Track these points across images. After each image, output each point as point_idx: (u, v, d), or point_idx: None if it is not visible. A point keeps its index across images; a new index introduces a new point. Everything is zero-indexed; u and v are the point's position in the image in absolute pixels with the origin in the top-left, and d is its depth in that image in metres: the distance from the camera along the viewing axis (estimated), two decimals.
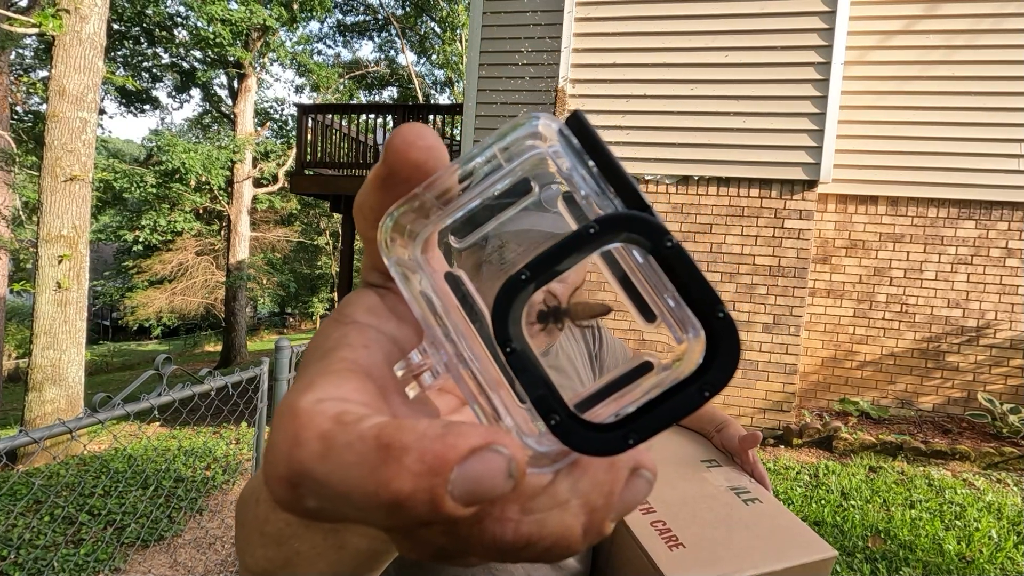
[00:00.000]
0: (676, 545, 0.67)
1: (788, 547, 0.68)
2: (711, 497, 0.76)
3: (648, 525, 0.70)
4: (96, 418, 1.30)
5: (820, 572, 0.67)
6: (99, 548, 2.95)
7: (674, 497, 0.76)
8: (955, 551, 2.61)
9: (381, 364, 0.19)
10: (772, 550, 0.67)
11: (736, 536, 0.70)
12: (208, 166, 13.01)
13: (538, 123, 0.22)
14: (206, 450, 4.53)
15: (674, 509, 0.73)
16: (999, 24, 4.17)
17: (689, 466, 0.83)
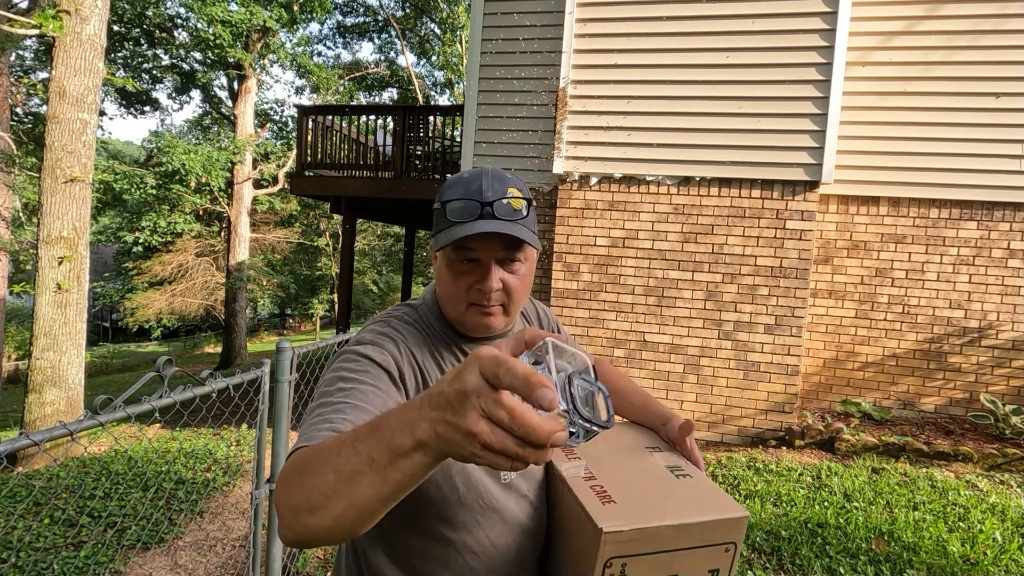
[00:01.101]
0: (608, 501, 0.80)
1: (703, 507, 0.80)
2: (648, 472, 0.89)
3: (588, 488, 0.84)
4: (97, 420, 1.29)
5: (731, 530, 0.79)
6: (99, 550, 2.94)
7: (616, 471, 0.89)
8: (959, 553, 2.60)
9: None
10: (689, 509, 0.80)
11: (662, 499, 0.82)
12: (208, 167, 13.00)
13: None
14: (207, 452, 4.52)
15: (614, 478, 0.86)
16: (1001, 25, 4.17)
17: (635, 450, 0.97)
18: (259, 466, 2.02)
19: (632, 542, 0.75)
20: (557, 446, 0.45)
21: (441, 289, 0.90)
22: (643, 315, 4.38)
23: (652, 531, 0.76)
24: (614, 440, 1.00)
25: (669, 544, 0.77)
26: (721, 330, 4.26)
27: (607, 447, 0.97)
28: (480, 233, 0.80)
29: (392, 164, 6.83)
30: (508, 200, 0.82)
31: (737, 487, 3.37)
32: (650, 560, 0.77)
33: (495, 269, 0.84)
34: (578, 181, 4.49)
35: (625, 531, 0.75)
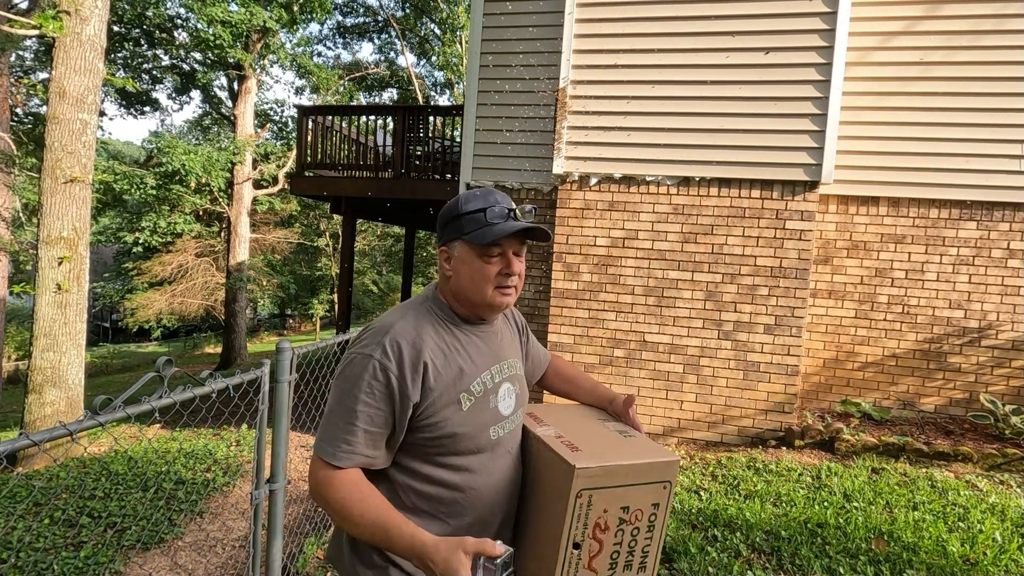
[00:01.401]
0: (575, 449, 1.06)
1: (646, 453, 1.09)
2: (602, 433, 1.18)
3: (560, 442, 1.10)
4: (96, 420, 1.29)
5: (667, 471, 1.06)
6: (99, 551, 2.94)
7: (578, 433, 1.16)
8: (959, 553, 2.60)
9: None
10: (636, 454, 1.08)
11: (615, 448, 1.11)
12: (208, 168, 13.00)
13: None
14: (206, 452, 4.52)
15: (577, 435, 1.13)
16: (1000, 25, 4.17)
17: (590, 420, 1.26)
18: (259, 466, 2.02)
19: (596, 477, 0.99)
20: None
21: (467, 280, 1.09)
22: (643, 315, 4.38)
23: (612, 468, 1.01)
24: (574, 414, 1.29)
25: (623, 480, 1.02)
26: (721, 330, 4.26)
27: (569, 419, 1.25)
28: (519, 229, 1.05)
29: (392, 164, 6.83)
30: (517, 208, 1.10)
31: (737, 487, 3.37)
32: (610, 493, 1.01)
33: (515, 259, 1.09)
34: (578, 181, 4.49)
35: (592, 467, 0.99)
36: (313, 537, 2.99)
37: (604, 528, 1.02)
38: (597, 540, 1.03)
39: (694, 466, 3.75)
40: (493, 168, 5.03)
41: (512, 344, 1.26)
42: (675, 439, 4.34)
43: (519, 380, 1.22)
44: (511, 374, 1.19)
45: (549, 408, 1.32)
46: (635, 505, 1.04)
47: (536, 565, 1.10)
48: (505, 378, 1.16)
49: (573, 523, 0.99)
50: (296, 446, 4.75)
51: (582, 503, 0.99)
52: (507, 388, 1.16)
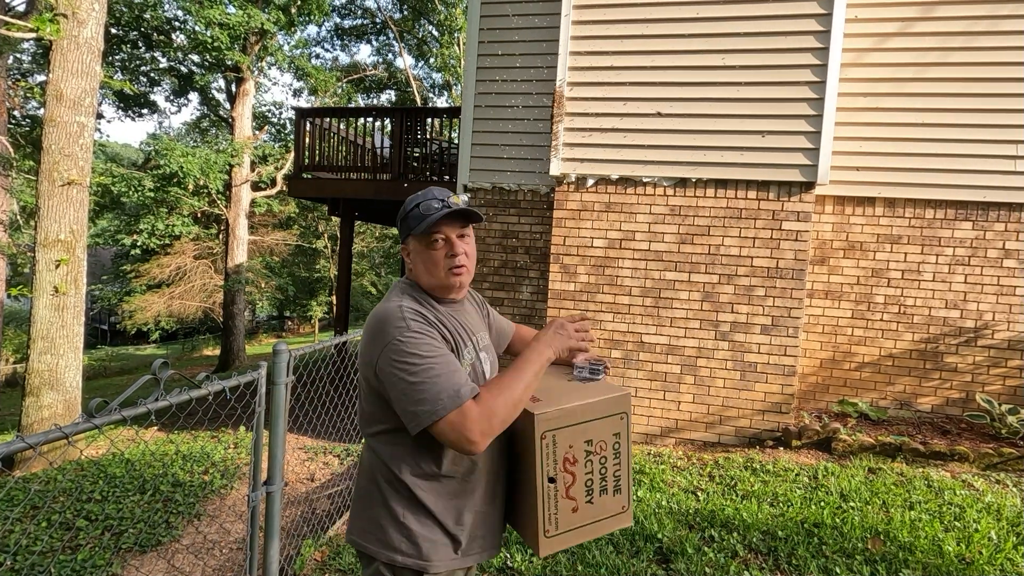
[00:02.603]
0: (536, 400, 1.21)
1: (598, 392, 1.25)
2: (561, 384, 1.32)
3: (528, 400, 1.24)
4: (93, 423, 1.29)
5: (619, 403, 1.24)
6: (96, 553, 2.94)
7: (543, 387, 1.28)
8: (955, 552, 2.61)
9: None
10: (589, 394, 1.24)
11: (570, 393, 1.25)
12: (206, 170, 13.00)
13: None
14: (204, 455, 4.51)
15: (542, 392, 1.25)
16: (995, 26, 4.18)
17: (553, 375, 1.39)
18: (256, 469, 2.02)
19: (555, 419, 1.16)
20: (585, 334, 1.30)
21: (422, 268, 1.26)
22: (640, 316, 4.39)
23: (567, 409, 1.18)
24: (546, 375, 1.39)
25: (580, 417, 1.20)
26: (718, 331, 4.27)
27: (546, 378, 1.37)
28: (448, 214, 1.21)
29: (390, 166, 6.84)
30: (453, 198, 1.25)
31: (734, 487, 3.38)
32: (571, 430, 1.19)
33: (457, 241, 1.24)
34: (575, 183, 4.50)
35: (549, 411, 1.16)
36: (311, 539, 2.99)
37: (573, 461, 1.19)
38: (569, 472, 1.19)
39: (691, 467, 3.76)
40: (490, 170, 5.04)
41: (479, 319, 1.43)
42: (672, 439, 4.35)
43: (491, 349, 1.42)
44: (484, 344, 1.37)
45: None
46: (598, 437, 1.22)
47: (524, 506, 1.25)
48: (481, 348, 1.34)
49: (543, 460, 1.16)
50: (293, 448, 4.74)
51: (547, 443, 1.16)
52: (484, 356, 1.34)
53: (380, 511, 1.22)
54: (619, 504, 1.28)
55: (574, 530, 1.23)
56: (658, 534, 2.80)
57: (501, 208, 5.06)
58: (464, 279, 1.26)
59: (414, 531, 1.18)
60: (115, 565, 2.89)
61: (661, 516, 2.99)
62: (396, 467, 1.20)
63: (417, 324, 1.14)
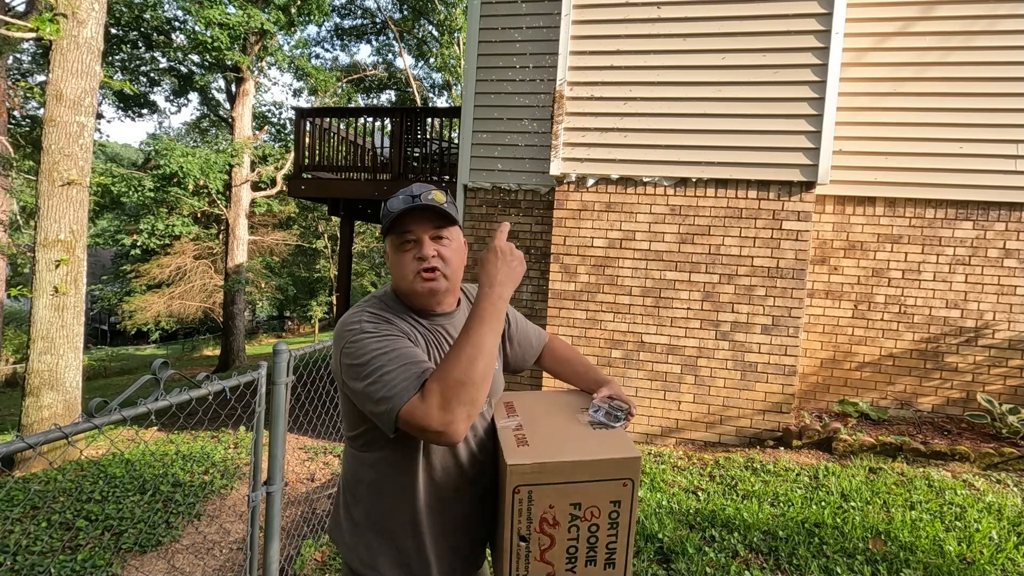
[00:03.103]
0: (524, 444, 1.04)
1: (601, 449, 1.02)
2: (569, 426, 1.13)
3: (512, 436, 1.09)
4: (93, 423, 1.29)
5: (625, 468, 1.00)
6: (96, 554, 2.94)
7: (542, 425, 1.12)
8: (956, 552, 2.61)
9: None
10: (588, 450, 1.02)
11: (569, 443, 1.05)
12: (206, 170, 13.00)
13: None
14: (204, 455, 4.51)
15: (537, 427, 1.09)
16: (993, 25, 4.18)
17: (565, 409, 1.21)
18: (256, 469, 2.02)
19: (534, 473, 0.97)
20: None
21: (394, 272, 1.13)
22: (640, 316, 4.39)
23: (551, 465, 0.98)
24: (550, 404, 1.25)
25: (569, 477, 0.98)
26: (718, 331, 4.27)
27: (541, 410, 1.21)
28: (410, 209, 1.07)
29: (390, 166, 6.84)
30: (432, 195, 1.10)
31: (735, 487, 3.37)
32: (553, 488, 0.98)
33: (428, 242, 1.10)
34: (575, 182, 4.49)
35: (526, 464, 0.97)
36: (311, 539, 2.99)
37: (553, 523, 1.02)
38: (547, 535, 1.02)
39: (692, 466, 3.76)
40: (490, 169, 5.03)
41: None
42: (673, 439, 4.34)
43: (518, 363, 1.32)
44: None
45: (530, 397, 1.32)
46: (589, 502, 1.01)
47: (496, 554, 1.14)
48: None
49: (515, 516, 1.00)
50: (293, 448, 4.74)
51: (521, 498, 0.99)
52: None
53: (343, 513, 1.21)
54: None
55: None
56: (659, 534, 2.80)
57: (501, 208, 5.06)
58: (436, 285, 1.11)
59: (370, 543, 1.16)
60: (115, 565, 2.89)
61: (662, 516, 2.99)
62: (362, 475, 1.16)
63: (370, 324, 1.06)
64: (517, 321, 1.40)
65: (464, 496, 1.17)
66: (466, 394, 0.92)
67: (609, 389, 1.25)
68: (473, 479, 1.17)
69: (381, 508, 1.15)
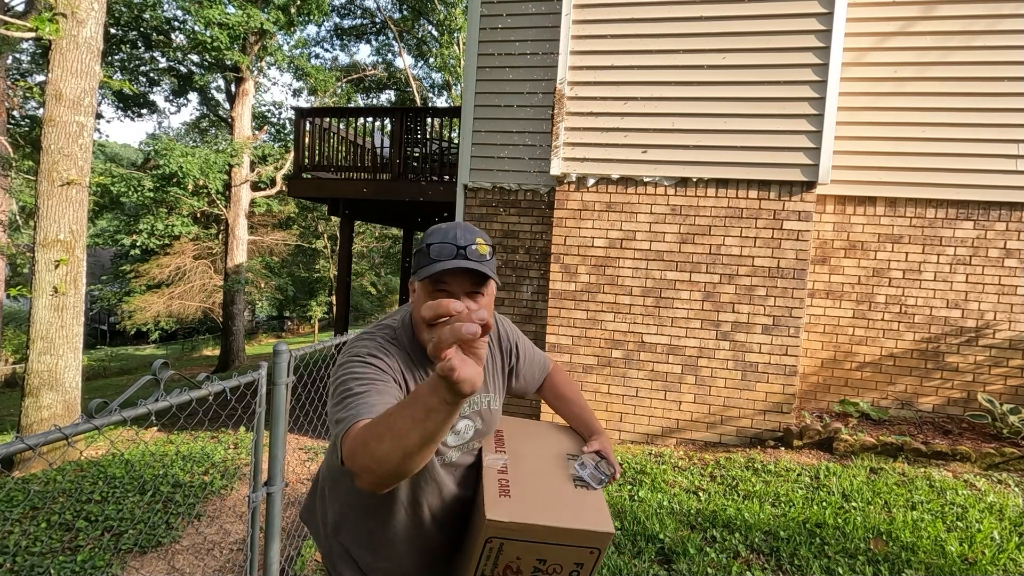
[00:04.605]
0: (505, 494, 1.05)
1: (578, 518, 1.03)
2: (552, 476, 1.13)
3: (496, 480, 1.09)
4: (92, 424, 1.28)
5: (595, 540, 1.01)
6: (96, 554, 2.93)
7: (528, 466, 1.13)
8: (957, 552, 2.60)
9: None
10: (566, 516, 1.03)
11: (549, 502, 1.06)
12: (206, 170, 12.98)
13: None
14: (204, 455, 4.51)
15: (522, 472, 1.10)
16: (994, 25, 4.18)
17: (557, 457, 1.21)
18: (256, 469, 2.01)
19: (509, 531, 0.99)
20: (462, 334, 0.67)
21: (416, 316, 1.09)
22: (641, 316, 4.38)
23: (528, 526, 1.00)
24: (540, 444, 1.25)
25: (540, 538, 1.01)
26: (719, 331, 4.26)
27: (531, 449, 1.22)
28: (455, 268, 1.00)
29: (390, 166, 6.83)
30: (476, 246, 1.03)
31: (735, 488, 3.37)
32: (524, 545, 1.01)
33: (463, 298, 1.02)
34: (575, 182, 4.49)
35: (504, 522, 0.98)
36: (311, 540, 2.98)
37: (516, 571, 1.05)
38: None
39: (693, 467, 3.75)
40: (491, 169, 5.03)
41: (487, 375, 1.22)
42: (673, 439, 4.34)
43: (484, 415, 1.21)
44: (473, 410, 1.18)
45: (521, 429, 1.31)
46: (553, 559, 1.04)
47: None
48: (465, 415, 1.17)
49: (482, 560, 1.03)
50: (294, 448, 4.74)
51: (492, 548, 1.02)
52: (466, 425, 1.17)
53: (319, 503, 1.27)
54: None
55: None
56: (660, 534, 2.79)
57: (501, 208, 5.06)
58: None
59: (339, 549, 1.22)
60: (115, 566, 2.88)
61: (663, 516, 2.99)
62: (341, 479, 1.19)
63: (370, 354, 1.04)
64: (525, 353, 1.36)
65: (443, 526, 1.17)
66: (364, 465, 0.81)
67: (599, 443, 1.24)
68: (451, 510, 1.17)
69: (354, 517, 1.18)
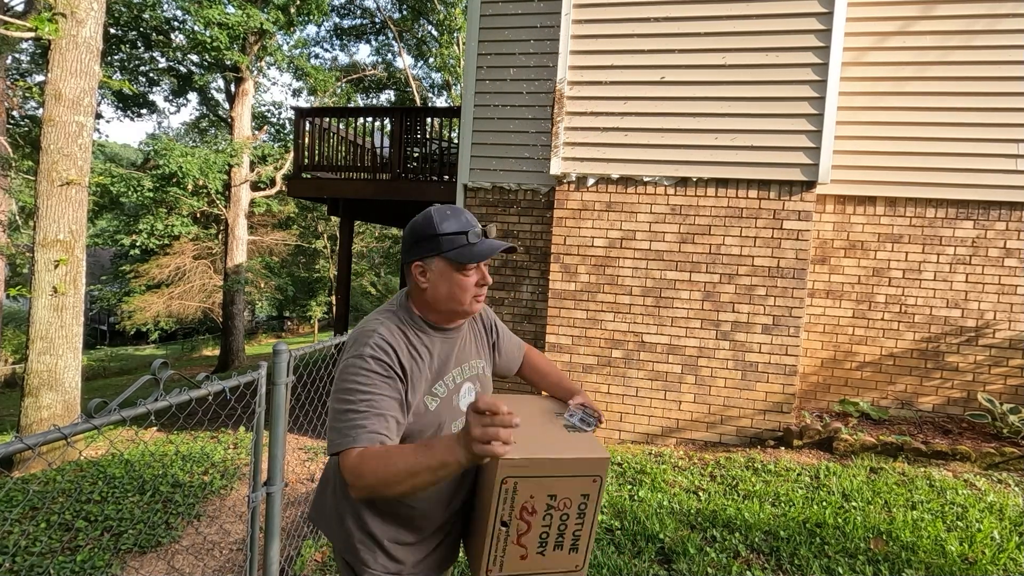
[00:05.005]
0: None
1: (576, 449, 1.19)
2: (545, 427, 1.28)
3: None
4: (92, 424, 1.28)
5: (595, 467, 1.16)
6: (96, 555, 2.93)
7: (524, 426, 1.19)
8: (957, 552, 2.60)
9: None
10: (565, 450, 1.18)
11: (548, 442, 1.21)
12: (205, 170, 12.98)
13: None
14: (204, 455, 4.50)
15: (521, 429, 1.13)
16: (994, 25, 4.18)
17: (543, 413, 1.36)
18: (256, 469, 2.01)
19: (520, 467, 1.10)
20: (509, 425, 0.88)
21: (444, 292, 1.22)
22: (641, 316, 4.38)
23: (536, 461, 1.12)
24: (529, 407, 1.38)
25: (550, 471, 1.13)
26: (719, 330, 4.26)
27: (528, 412, 1.33)
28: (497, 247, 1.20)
29: (389, 166, 6.82)
30: (494, 229, 1.25)
31: (735, 487, 3.37)
32: (535, 481, 1.13)
33: (485, 270, 1.25)
34: (575, 182, 4.49)
35: (515, 459, 1.09)
36: (311, 540, 2.98)
37: (531, 511, 1.16)
38: (525, 521, 1.17)
39: (693, 466, 3.75)
40: (490, 169, 5.03)
41: (478, 345, 1.40)
42: (673, 439, 4.34)
43: (481, 379, 1.37)
44: (473, 374, 1.34)
45: (511, 400, 1.42)
46: (563, 494, 1.17)
47: (475, 538, 1.27)
48: (467, 378, 1.32)
49: (500, 504, 1.14)
50: (294, 448, 4.73)
51: (507, 488, 1.13)
52: (468, 387, 1.32)
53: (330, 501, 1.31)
54: (573, 562, 1.26)
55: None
56: (660, 534, 2.79)
57: (501, 208, 5.06)
58: (482, 306, 1.30)
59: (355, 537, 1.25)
60: (115, 566, 2.88)
61: (663, 516, 2.99)
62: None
63: (374, 358, 1.13)
64: (503, 331, 1.51)
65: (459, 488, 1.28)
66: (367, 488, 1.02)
67: (582, 397, 1.39)
68: (460, 483, 1.28)
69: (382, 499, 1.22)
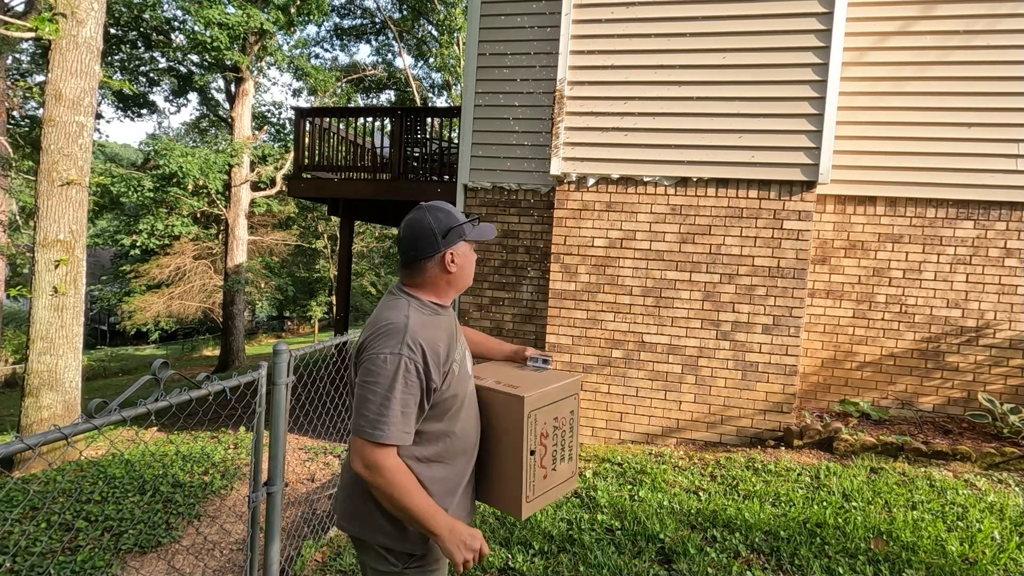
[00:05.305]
0: (514, 387, 1.41)
1: (560, 378, 1.52)
2: (523, 374, 1.56)
3: (500, 385, 1.45)
4: (92, 424, 1.28)
5: (575, 386, 1.54)
6: (96, 555, 2.93)
7: (507, 377, 1.52)
8: (958, 552, 2.60)
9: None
10: (552, 380, 1.50)
11: (538, 381, 1.49)
12: (205, 170, 12.98)
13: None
14: (204, 455, 4.50)
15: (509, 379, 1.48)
16: (994, 25, 4.18)
17: (511, 368, 1.64)
18: (256, 469, 2.01)
19: (537, 400, 1.39)
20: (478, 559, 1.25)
21: (467, 270, 1.42)
22: (641, 316, 4.38)
23: (546, 391, 1.43)
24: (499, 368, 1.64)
25: (552, 398, 1.44)
26: (719, 331, 4.26)
27: (497, 372, 1.58)
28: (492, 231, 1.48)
29: (390, 166, 6.82)
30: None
31: (736, 487, 3.37)
32: (546, 409, 1.43)
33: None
34: (575, 182, 4.49)
35: (533, 394, 1.38)
36: (311, 540, 2.98)
37: (546, 435, 1.43)
38: (543, 445, 1.42)
39: (693, 466, 3.75)
40: (491, 169, 5.03)
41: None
42: (674, 439, 4.34)
43: (468, 349, 1.57)
44: (463, 341, 1.52)
45: (483, 367, 1.67)
46: (561, 414, 1.48)
47: (505, 478, 1.42)
48: (463, 346, 1.49)
49: (528, 436, 1.37)
50: (294, 448, 4.73)
51: (531, 421, 1.37)
52: (466, 353, 1.50)
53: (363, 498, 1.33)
54: (571, 470, 1.55)
55: (545, 493, 1.46)
56: (660, 534, 2.79)
57: (501, 208, 5.06)
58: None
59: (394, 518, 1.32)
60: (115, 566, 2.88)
61: (663, 516, 2.99)
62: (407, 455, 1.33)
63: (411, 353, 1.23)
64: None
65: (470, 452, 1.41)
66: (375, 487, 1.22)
67: (529, 349, 1.68)
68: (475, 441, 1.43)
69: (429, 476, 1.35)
